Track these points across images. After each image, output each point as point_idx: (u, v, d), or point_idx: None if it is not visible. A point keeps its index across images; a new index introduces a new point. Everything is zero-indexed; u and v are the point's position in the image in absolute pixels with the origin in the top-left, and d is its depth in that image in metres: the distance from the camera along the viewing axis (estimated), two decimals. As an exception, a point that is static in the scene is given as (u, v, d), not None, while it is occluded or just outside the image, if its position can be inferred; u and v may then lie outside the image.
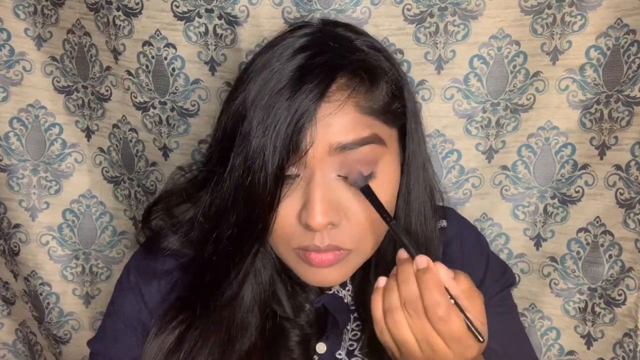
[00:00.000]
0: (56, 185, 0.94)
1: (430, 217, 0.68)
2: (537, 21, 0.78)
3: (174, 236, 0.69)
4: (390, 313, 0.54)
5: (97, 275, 0.98)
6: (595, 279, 0.83)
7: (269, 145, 0.57)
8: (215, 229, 0.63)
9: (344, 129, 0.58)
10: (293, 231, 0.60)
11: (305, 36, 0.61)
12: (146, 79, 0.83)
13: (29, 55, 0.90)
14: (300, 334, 0.66)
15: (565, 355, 0.86)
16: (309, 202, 0.58)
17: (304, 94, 0.56)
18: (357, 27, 0.68)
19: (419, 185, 0.66)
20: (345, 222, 0.60)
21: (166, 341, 0.65)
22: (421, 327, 0.53)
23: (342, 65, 0.59)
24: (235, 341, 0.64)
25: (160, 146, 0.87)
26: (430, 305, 0.52)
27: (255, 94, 0.59)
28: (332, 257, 0.60)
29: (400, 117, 0.64)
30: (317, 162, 0.58)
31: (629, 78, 0.77)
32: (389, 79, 0.62)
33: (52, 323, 0.98)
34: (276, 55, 0.60)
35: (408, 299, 0.53)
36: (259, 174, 0.58)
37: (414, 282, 0.54)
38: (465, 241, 0.74)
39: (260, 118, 0.58)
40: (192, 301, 0.65)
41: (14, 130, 0.91)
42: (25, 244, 0.94)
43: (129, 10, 0.80)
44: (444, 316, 0.52)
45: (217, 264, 0.64)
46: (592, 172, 0.81)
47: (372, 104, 0.60)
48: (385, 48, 0.67)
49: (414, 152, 0.65)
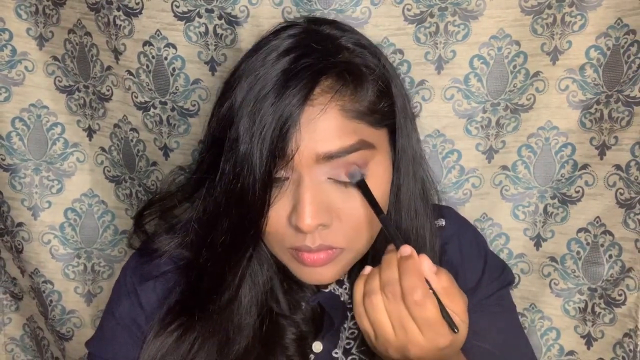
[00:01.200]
0: (58, 185, 0.94)
1: (422, 213, 0.68)
2: (537, 21, 0.77)
3: (170, 239, 0.70)
4: (369, 296, 0.55)
5: (99, 273, 0.98)
6: (595, 279, 0.83)
7: (256, 152, 0.57)
8: (209, 235, 0.63)
9: (330, 136, 0.58)
10: (285, 232, 0.61)
11: (290, 38, 0.61)
12: (147, 78, 0.83)
13: (31, 55, 0.90)
14: (296, 331, 0.67)
15: (565, 355, 0.86)
16: (298, 205, 0.58)
17: (287, 99, 0.56)
18: (343, 24, 0.67)
19: (409, 181, 0.66)
20: (337, 222, 0.60)
21: (164, 344, 0.65)
22: (397, 311, 0.54)
23: (325, 68, 0.58)
24: (233, 342, 0.64)
25: (161, 146, 0.87)
26: (408, 289, 0.53)
27: (241, 100, 0.59)
28: (325, 257, 0.61)
29: (389, 115, 0.63)
30: (304, 167, 0.58)
31: (629, 78, 0.77)
32: (375, 77, 0.62)
33: (55, 320, 0.99)
34: (260, 59, 0.60)
35: (387, 282, 0.54)
36: (247, 180, 0.58)
37: (395, 268, 0.55)
38: (463, 240, 0.74)
39: (246, 124, 0.58)
40: (190, 305, 0.66)
41: (16, 130, 0.92)
42: (28, 243, 0.95)
43: (130, 10, 0.80)
44: (419, 300, 0.52)
45: (213, 269, 0.64)
46: (592, 172, 0.81)
47: (357, 106, 0.59)
48: (371, 43, 0.67)
49: (403, 148, 0.65)
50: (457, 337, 0.55)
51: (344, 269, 0.64)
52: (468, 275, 0.72)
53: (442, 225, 0.73)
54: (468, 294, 0.71)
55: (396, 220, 0.67)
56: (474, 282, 0.72)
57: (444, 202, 0.84)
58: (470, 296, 0.71)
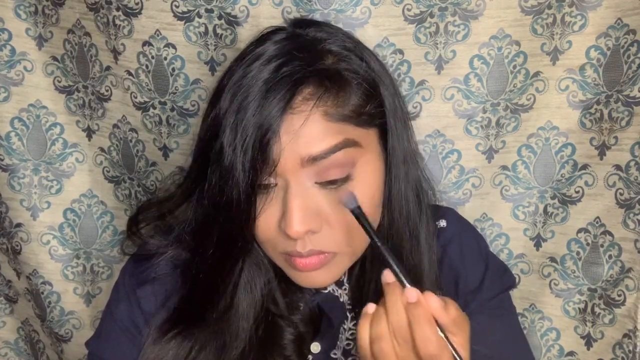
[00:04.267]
0: (57, 185, 0.94)
1: (417, 214, 0.67)
2: (537, 21, 0.77)
3: (167, 242, 0.70)
4: (378, 341, 0.53)
5: (98, 274, 0.98)
6: (595, 279, 0.83)
7: (239, 164, 0.57)
8: (200, 246, 0.63)
9: (314, 139, 0.57)
10: (276, 237, 0.61)
11: (273, 45, 0.60)
12: (146, 79, 0.83)
13: (30, 55, 0.90)
14: (294, 332, 0.67)
15: (565, 355, 0.86)
16: (286, 212, 0.58)
17: (267, 109, 0.56)
18: (330, 26, 0.67)
19: (399, 182, 0.65)
20: (326, 227, 0.60)
21: (162, 352, 0.65)
22: (410, 358, 0.52)
23: (305, 76, 0.58)
24: (231, 347, 0.64)
25: (160, 146, 0.87)
26: (421, 341, 0.51)
27: (225, 111, 0.59)
28: (316, 261, 0.60)
29: (378, 116, 0.62)
30: (290, 173, 0.58)
31: (629, 78, 0.77)
32: (360, 81, 0.61)
33: (54, 321, 0.98)
34: (243, 69, 0.59)
35: (397, 328, 0.52)
36: (232, 192, 0.58)
37: (403, 312, 0.53)
38: (464, 242, 0.74)
39: (229, 136, 0.58)
40: (187, 313, 0.66)
41: (15, 130, 0.92)
42: (27, 243, 0.95)
43: (129, 10, 0.80)
44: (433, 352, 0.51)
45: (206, 279, 0.64)
46: (592, 173, 0.81)
47: (341, 110, 0.59)
48: (358, 45, 0.65)
49: (393, 148, 0.64)
50: None
51: (340, 272, 0.64)
52: (469, 277, 0.72)
53: (443, 226, 0.73)
54: (469, 296, 0.71)
55: (388, 222, 0.66)
56: (475, 285, 0.72)
57: (444, 203, 0.84)
58: (471, 298, 0.71)
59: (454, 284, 0.72)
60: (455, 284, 0.72)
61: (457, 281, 0.72)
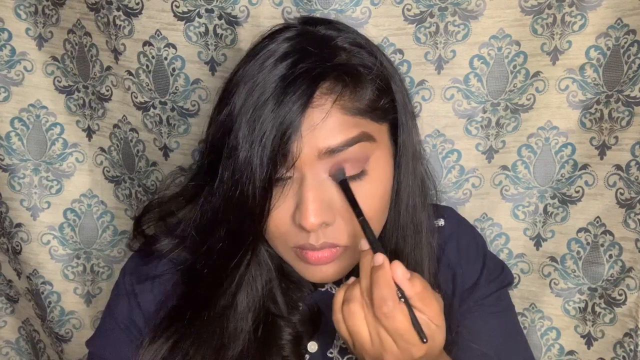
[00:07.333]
0: (57, 185, 0.94)
1: (421, 210, 0.68)
2: (537, 21, 0.78)
3: (169, 241, 0.70)
4: (348, 303, 0.55)
5: (98, 274, 0.98)
6: (596, 279, 0.83)
7: (256, 159, 0.57)
8: (207, 242, 0.63)
9: (331, 132, 0.58)
10: (288, 231, 0.61)
11: (286, 41, 0.61)
12: (146, 79, 0.83)
13: (30, 55, 0.90)
14: (293, 332, 0.67)
15: (566, 355, 0.86)
16: (301, 204, 0.58)
17: (288, 105, 0.56)
18: (338, 23, 0.67)
19: (408, 177, 0.66)
20: (339, 220, 0.60)
21: (159, 350, 0.65)
22: (373, 320, 0.53)
23: (323, 72, 0.58)
24: (229, 347, 0.64)
25: (161, 146, 0.87)
26: (377, 300, 0.52)
27: (240, 107, 0.59)
28: (329, 255, 0.61)
29: (390, 111, 0.64)
30: (306, 166, 0.58)
31: (629, 78, 0.77)
32: (373, 76, 0.62)
33: (54, 321, 0.98)
34: (257, 65, 0.60)
35: (365, 290, 0.54)
36: (247, 187, 0.58)
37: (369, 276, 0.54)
38: (461, 240, 0.74)
39: (246, 131, 0.58)
40: (186, 311, 0.66)
41: (15, 130, 0.92)
42: (27, 243, 0.95)
43: (129, 10, 0.80)
44: (387, 312, 0.52)
45: (210, 276, 0.64)
46: (592, 172, 0.81)
47: (358, 105, 0.60)
48: (368, 42, 0.66)
49: (404, 144, 0.65)
50: (432, 345, 0.54)
51: (348, 268, 0.64)
52: (466, 275, 0.72)
53: (441, 225, 0.73)
54: (466, 293, 0.71)
55: (395, 216, 0.67)
56: (472, 282, 0.72)
57: (444, 202, 0.84)
58: (468, 296, 0.71)
59: (451, 282, 0.72)
60: (452, 282, 0.72)
61: (455, 279, 0.72)
